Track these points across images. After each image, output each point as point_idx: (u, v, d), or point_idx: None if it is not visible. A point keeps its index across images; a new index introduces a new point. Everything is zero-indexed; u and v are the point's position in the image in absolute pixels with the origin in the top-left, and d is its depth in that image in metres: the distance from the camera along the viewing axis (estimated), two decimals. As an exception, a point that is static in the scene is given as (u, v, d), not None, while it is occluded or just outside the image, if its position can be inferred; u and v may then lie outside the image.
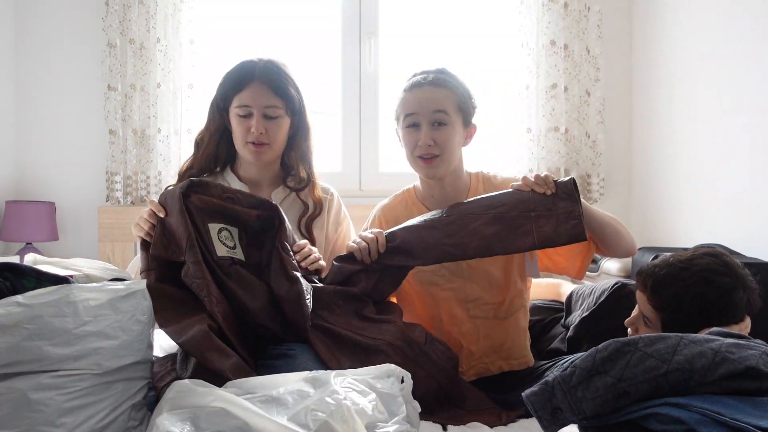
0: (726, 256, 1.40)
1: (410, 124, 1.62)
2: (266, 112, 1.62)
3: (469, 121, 1.67)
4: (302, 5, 3.07)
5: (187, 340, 1.25)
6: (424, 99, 1.61)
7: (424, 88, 1.62)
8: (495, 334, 1.66)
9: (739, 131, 2.43)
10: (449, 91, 1.62)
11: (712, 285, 1.33)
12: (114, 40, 2.74)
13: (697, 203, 2.68)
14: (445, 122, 1.60)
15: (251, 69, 1.62)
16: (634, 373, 1.09)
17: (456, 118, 1.62)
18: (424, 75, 1.65)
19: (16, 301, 1.04)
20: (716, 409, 1.01)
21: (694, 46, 2.69)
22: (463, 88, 1.66)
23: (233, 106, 1.64)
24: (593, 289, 1.82)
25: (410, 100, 1.63)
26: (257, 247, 1.45)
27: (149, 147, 2.78)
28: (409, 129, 1.63)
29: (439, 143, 1.60)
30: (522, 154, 2.98)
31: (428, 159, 1.61)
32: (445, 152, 1.61)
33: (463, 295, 1.65)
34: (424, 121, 1.60)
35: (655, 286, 1.38)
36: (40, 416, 1.02)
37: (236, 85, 1.62)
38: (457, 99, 1.62)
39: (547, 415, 1.12)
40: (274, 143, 1.64)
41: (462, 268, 1.65)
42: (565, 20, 2.93)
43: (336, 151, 3.05)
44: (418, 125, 1.61)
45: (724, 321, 1.31)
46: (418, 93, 1.62)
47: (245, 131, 1.62)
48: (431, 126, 1.60)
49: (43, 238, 2.66)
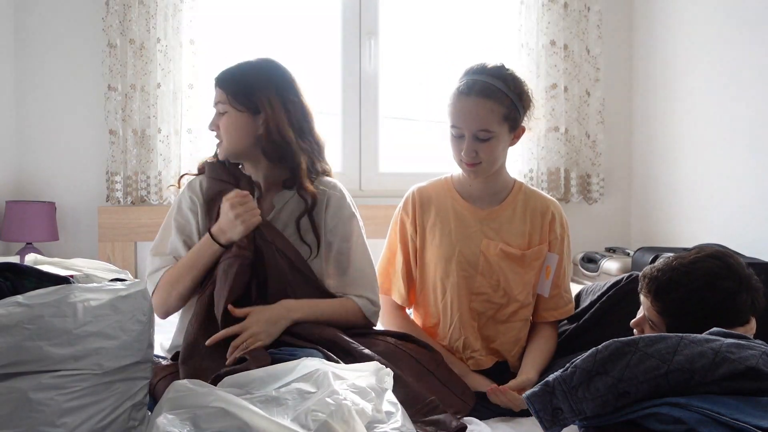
0: (729, 257, 1.38)
1: (455, 134, 1.64)
2: (218, 107, 1.62)
3: (517, 124, 1.66)
4: (302, 5, 3.07)
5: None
6: (468, 114, 1.59)
7: (471, 99, 1.59)
8: (490, 333, 1.70)
9: (739, 131, 2.43)
10: (495, 103, 1.59)
11: (715, 289, 1.32)
12: (114, 40, 2.74)
13: (697, 203, 2.68)
14: (488, 138, 1.60)
15: (222, 72, 1.64)
16: (635, 374, 1.09)
17: (501, 129, 1.61)
18: (473, 79, 1.61)
19: (17, 301, 1.03)
20: (716, 409, 1.01)
21: (694, 46, 2.69)
22: (515, 91, 1.62)
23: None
24: (604, 284, 1.82)
25: (456, 111, 1.62)
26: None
27: (149, 147, 2.78)
28: (454, 138, 1.65)
29: (482, 154, 1.62)
30: (522, 154, 2.98)
31: (471, 165, 1.64)
32: (487, 162, 1.64)
33: (471, 286, 1.68)
34: (467, 135, 1.60)
35: (659, 291, 1.37)
36: (41, 416, 1.01)
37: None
38: (504, 110, 1.60)
39: (547, 416, 1.13)
40: (223, 136, 1.62)
41: (478, 261, 1.68)
42: (565, 20, 2.93)
43: (336, 151, 3.04)
44: (463, 136, 1.62)
45: (729, 324, 1.30)
46: (464, 105, 1.60)
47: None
48: (474, 140, 1.60)
49: (43, 238, 2.66)
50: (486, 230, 1.70)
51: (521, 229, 1.71)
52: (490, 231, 1.70)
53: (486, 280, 1.68)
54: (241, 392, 1.12)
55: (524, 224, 1.71)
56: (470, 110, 1.59)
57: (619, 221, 3.17)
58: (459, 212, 1.72)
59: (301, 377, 1.16)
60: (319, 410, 1.04)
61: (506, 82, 1.61)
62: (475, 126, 1.59)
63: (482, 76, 1.61)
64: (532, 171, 2.97)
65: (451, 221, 1.72)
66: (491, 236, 1.69)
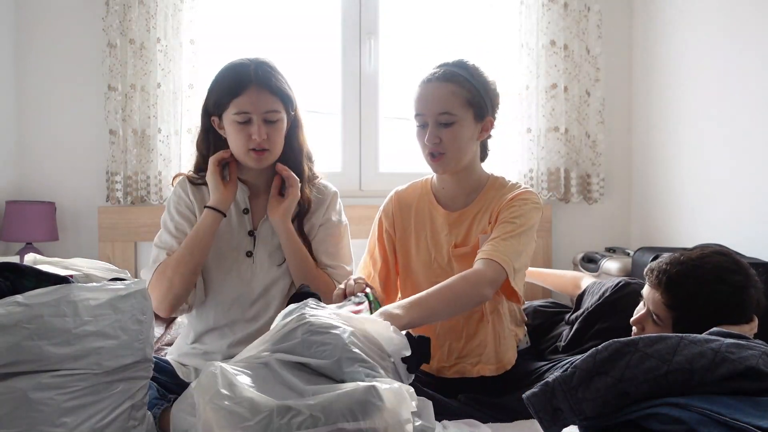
0: (734, 254, 1.40)
1: (419, 124, 1.62)
2: (267, 117, 1.55)
3: (483, 114, 1.62)
4: (302, 5, 3.07)
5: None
6: (430, 97, 1.59)
7: (432, 84, 1.60)
8: (471, 334, 1.67)
9: (739, 131, 2.43)
10: (457, 86, 1.58)
11: (725, 283, 1.33)
12: (114, 40, 2.74)
13: (697, 203, 2.68)
14: (450, 122, 1.57)
15: (246, 73, 1.54)
16: (635, 374, 1.09)
17: (465, 114, 1.58)
18: (436, 69, 1.62)
19: (16, 300, 1.03)
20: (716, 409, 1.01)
21: (694, 46, 2.69)
22: (477, 80, 1.61)
23: (230, 113, 1.56)
24: (602, 285, 1.82)
25: (418, 97, 1.62)
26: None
27: (149, 147, 2.78)
28: (418, 129, 1.63)
29: (445, 142, 1.59)
30: (522, 154, 2.98)
31: (436, 157, 1.61)
32: (450, 150, 1.60)
33: None
34: (431, 121, 1.59)
35: (670, 283, 1.37)
36: (40, 416, 1.01)
37: (232, 91, 1.54)
38: (467, 94, 1.58)
39: (547, 416, 1.13)
40: (274, 147, 1.59)
41: (452, 266, 1.66)
42: (565, 20, 2.93)
43: (336, 151, 3.04)
44: (427, 125, 1.60)
45: (735, 319, 1.31)
46: (425, 89, 1.61)
47: (246, 138, 1.55)
48: (437, 126, 1.58)
49: (43, 238, 2.66)
50: (456, 233, 1.68)
51: (484, 225, 1.66)
52: (459, 234, 1.68)
53: None
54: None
55: (485, 219, 1.66)
56: (431, 93, 1.59)
57: (619, 221, 3.17)
58: (433, 217, 1.72)
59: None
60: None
61: (468, 70, 1.62)
62: (436, 108, 1.57)
63: (444, 66, 1.63)
64: (532, 171, 2.97)
65: (427, 227, 1.72)
66: (459, 241, 1.67)
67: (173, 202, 1.68)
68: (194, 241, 1.58)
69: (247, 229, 1.67)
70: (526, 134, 2.97)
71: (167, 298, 1.57)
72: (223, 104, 1.57)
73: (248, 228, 1.67)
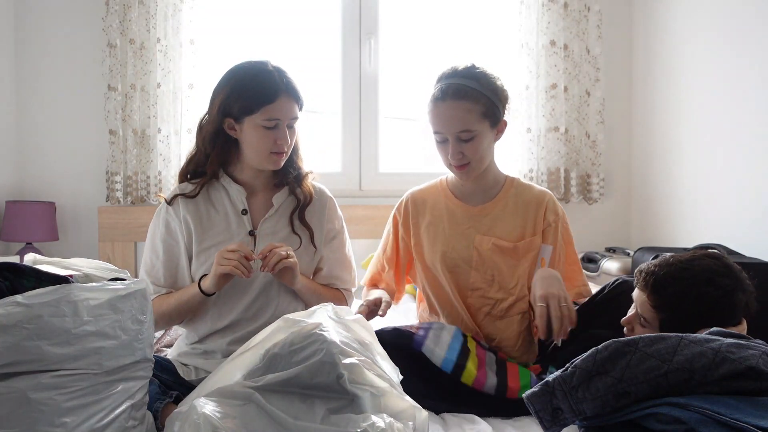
0: (725, 258, 1.40)
1: (439, 140, 1.66)
2: (291, 122, 1.64)
3: (498, 119, 1.66)
4: (302, 5, 3.07)
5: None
6: (447, 118, 1.61)
7: (446, 103, 1.61)
8: (490, 331, 1.72)
9: (739, 131, 2.43)
10: (472, 102, 1.60)
11: (713, 285, 1.33)
12: (114, 40, 2.74)
13: (697, 203, 2.68)
14: (470, 138, 1.61)
15: (274, 80, 1.60)
16: (635, 374, 1.08)
17: (482, 126, 1.62)
18: (447, 84, 1.63)
19: (16, 300, 1.03)
20: (716, 409, 1.01)
21: (694, 46, 2.69)
22: (489, 88, 1.63)
23: (257, 118, 1.59)
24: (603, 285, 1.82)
25: (434, 117, 1.64)
26: None
27: (149, 147, 2.78)
28: (439, 144, 1.67)
29: (468, 154, 1.64)
30: (522, 154, 2.98)
31: (460, 166, 1.66)
32: (474, 160, 1.65)
33: (466, 282, 1.71)
34: (450, 138, 1.62)
35: (656, 285, 1.38)
36: (40, 416, 1.01)
37: (264, 98, 1.58)
38: (481, 108, 1.61)
39: (547, 416, 1.13)
40: (289, 149, 1.67)
41: (472, 257, 1.71)
42: (565, 20, 2.93)
43: (336, 151, 3.05)
44: (447, 140, 1.64)
45: (723, 322, 1.31)
46: (441, 110, 1.62)
47: (271, 142, 1.61)
48: (458, 142, 1.62)
49: (43, 238, 2.66)
50: (478, 226, 1.73)
51: (514, 222, 1.73)
52: (482, 227, 1.73)
53: (480, 276, 1.71)
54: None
55: (516, 218, 1.74)
56: (448, 114, 1.61)
57: (619, 221, 3.17)
58: (452, 210, 1.77)
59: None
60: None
61: (479, 81, 1.63)
62: (455, 128, 1.61)
63: (454, 79, 1.63)
64: (532, 171, 2.97)
65: (444, 220, 1.76)
66: (483, 231, 1.73)
67: (160, 233, 1.68)
68: (183, 308, 1.62)
69: (247, 229, 1.67)
70: (526, 134, 2.97)
71: (158, 326, 1.62)
72: (251, 110, 1.60)
73: (248, 228, 1.67)
